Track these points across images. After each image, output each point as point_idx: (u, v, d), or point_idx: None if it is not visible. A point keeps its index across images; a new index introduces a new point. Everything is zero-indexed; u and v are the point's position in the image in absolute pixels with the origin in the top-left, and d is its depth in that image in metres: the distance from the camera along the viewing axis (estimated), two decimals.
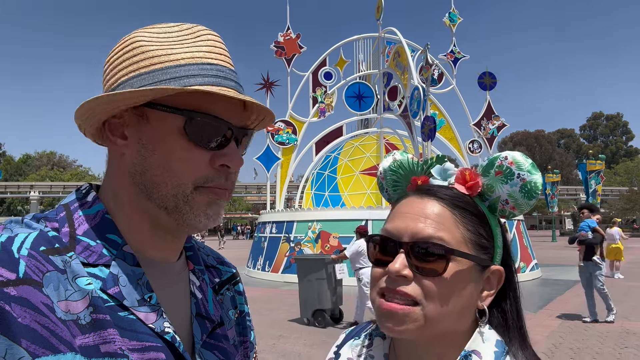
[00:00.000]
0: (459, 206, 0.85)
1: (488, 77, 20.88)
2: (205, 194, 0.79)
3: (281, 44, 20.15)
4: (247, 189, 63.75)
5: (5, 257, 0.63)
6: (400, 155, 1.00)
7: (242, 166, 0.86)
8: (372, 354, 0.96)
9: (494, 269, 0.87)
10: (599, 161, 31.20)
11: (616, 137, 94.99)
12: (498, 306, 0.91)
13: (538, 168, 0.89)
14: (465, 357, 0.83)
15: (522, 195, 0.87)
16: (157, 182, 0.77)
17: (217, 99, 0.78)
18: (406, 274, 0.80)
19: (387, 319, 0.81)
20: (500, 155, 0.89)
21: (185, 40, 0.80)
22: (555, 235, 42.56)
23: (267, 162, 19.47)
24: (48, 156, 77.03)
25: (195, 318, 0.86)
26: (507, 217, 0.92)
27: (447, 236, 0.82)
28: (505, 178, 0.87)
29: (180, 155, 0.77)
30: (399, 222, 0.86)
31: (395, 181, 0.99)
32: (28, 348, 0.59)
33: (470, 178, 0.89)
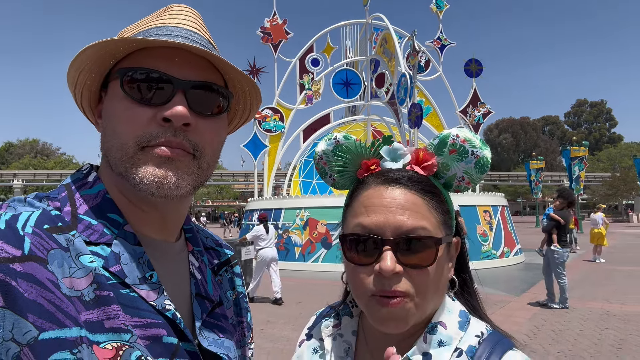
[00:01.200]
0: (427, 190, 0.86)
1: (474, 64, 20.94)
2: (149, 153, 0.75)
3: (268, 29, 19.94)
4: (234, 176, 63.39)
5: (11, 234, 0.64)
6: (344, 138, 0.96)
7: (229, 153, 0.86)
8: (340, 332, 0.98)
9: (454, 241, 0.92)
10: (583, 148, 31.59)
11: (600, 124, 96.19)
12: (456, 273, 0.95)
13: (522, 154, 0.91)
14: (431, 328, 0.86)
15: (476, 170, 0.89)
16: (109, 149, 0.78)
17: (159, 55, 0.78)
18: (399, 271, 0.80)
19: (388, 321, 0.81)
20: (450, 134, 0.89)
21: (156, 17, 0.85)
22: (539, 221, 43.21)
23: (255, 150, 19.38)
24: (31, 144, 75.63)
25: (195, 298, 0.87)
26: (461, 191, 0.94)
27: (427, 224, 0.83)
28: (460, 156, 0.88)
29: (121, 115, 0.77)
30: (376, 217, 0.83)
31: (341, 166, 0.96)
32: (35, 322, 0.60)
33: (425, 158, 0.89)
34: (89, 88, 0.85)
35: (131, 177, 0.76)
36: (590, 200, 49.58)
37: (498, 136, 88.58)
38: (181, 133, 0.77)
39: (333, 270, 13.82)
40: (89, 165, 0.86)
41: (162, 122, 0.76)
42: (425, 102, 19.75)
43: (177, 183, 0.77)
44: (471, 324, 0.88)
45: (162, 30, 0.80)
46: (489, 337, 0.86)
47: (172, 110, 0.75)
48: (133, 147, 0.75)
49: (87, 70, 0.80)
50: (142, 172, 0.75)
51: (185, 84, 0.78)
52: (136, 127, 0.75)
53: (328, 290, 10.62)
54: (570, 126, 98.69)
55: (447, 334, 0.85)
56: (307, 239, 14.81)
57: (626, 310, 8.34)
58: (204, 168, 0.81)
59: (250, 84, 0.88)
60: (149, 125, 0.76)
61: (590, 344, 6.43)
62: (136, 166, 0.75)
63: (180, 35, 0.80)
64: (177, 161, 0.77)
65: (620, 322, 7.52)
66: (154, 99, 0.76)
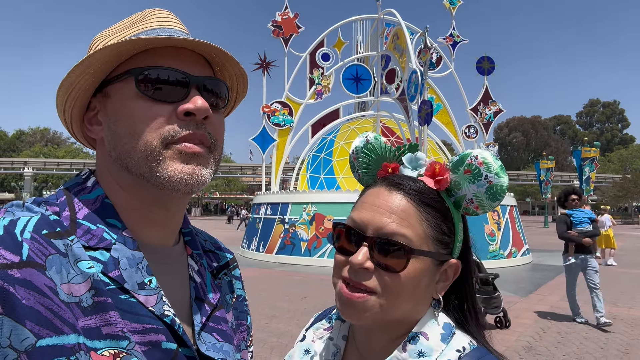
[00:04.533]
0: (425, 203, 0.87)
1: (486, 61, 20.78)
2: (175, 149, 0.77)
3: (279, 23, 19.89)
4: (242, 169, 63.62)
5: (9, 239, 0.64)
6: (374, 138, 0.99)
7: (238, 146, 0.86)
8: (331, 335, 1.01)
9: (452, 262, 0.90)
10: (594, 148, 31.28)
11: (612, 125, 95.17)
12: (455, 295, 0.95)
13: (533, 154, 0.88)
14: (412, 337, 0.86)
15: (487, 196, 0.87)
16: (128, 150, 0.78)
17: (164, 54, 0.80)
18: (368, 267, 0.83)
19: (347, 307, 0.85)
20: (471, 153, 0.88)
21: (136, 23, 0.85)
22: (548, 222, 42.92)
23: (263, 143, 19.40)
24: (42, 132, 76.38)
25: (195, 301, 0.87)
26: (470, 214, 0.92)
27: (410, 233, 0.84)
28: (473, 178, 0.87)
29: (141, 115, 0.77)
30: (365, 213, 0.87)
31: (366, 164, 0.99)
32: (32, 329, 0.60)
33: (439, 173, 0.89)
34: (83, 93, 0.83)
35: (157, 175, 0.76)
36: (600, 201, 49.12)
37: (508, 135, 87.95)
38: (202, 126, 0.79)
39: None
40: (88, 170, 0.86)
41: (183, 116, 0.77)
42: (436, 99, 19.62)
43: (204, 177, 0.80)
44: (455, 337, 0.87)
45: (159, 32, 0.82)
46: (471, 352, 0.85)
47: (195, 104, 0.77)
48: (158, 145, 0.76)
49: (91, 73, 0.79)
50: (171, 170, 0.76)
51: (199, 79, 0.81)
52: (158, 125, 0.77)
53: None
54: (582, 126, 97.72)
55: (428, 345, 0.85)
56: (313, 234, 14.82)
57: (633, 315, 8.27)
58: (216, 160, 0.84)
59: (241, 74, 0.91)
60: (170, 121, 0.77)
61: (596, 347, 6.38)
62: (162, 164, 0.76)
63: (178, 36, 0.81)
64: (201, 157, 0.80)
65: (627, 326, 7.45)
66: (171, 95, 0.78)
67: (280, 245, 15.46)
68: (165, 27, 0.83)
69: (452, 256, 0.90)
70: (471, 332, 0.92)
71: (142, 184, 0.78)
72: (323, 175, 19.63)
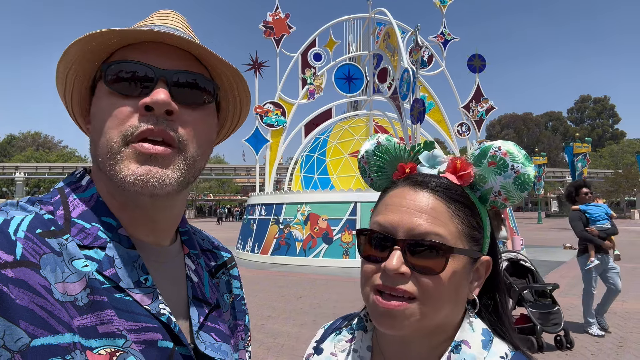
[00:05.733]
0: (454, 199, 0.83)
1: (477, 59, 20.86)
2: (132, 149, 0.73)
3: (270, 23, 19.85)
4: (236, 171, 63.46)
5: (2, 239, 0.63)
6: (386, 140, 0.96)
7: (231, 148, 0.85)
8: (355, 347, 0.95)
9: (484, 259, 0.87)
10: (585, 144, 31.47)
11: (603, 120, 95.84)
12: (486, 294, 0.92)
13: (525, 150, 0.88)
14: (455, 347, 0.83)
15: (515, 187, 0.85)
16: (97, 147, 0.77)
17: (142, 49, 0.78)
18: (403, 272, 0.78)
19: (385, 318, 0.80)
20: (493, 145, 0.86)
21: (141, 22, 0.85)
22: (541, 217, 43.20)
23: (256, 144, 19.36)
24: (33, 137, 75.77)
25: (192, 301, 0.86)
26: (498, 207, 0.90)
27: (443, 231, 0.80)
28: (499, 169, 0.85)
29: (106, 111, 0.75)
30: (393, 216, 0.82)
31: (379, 167, 0.96)
32: (26, 329, 0.59)
33: (462, 168, 0.86)
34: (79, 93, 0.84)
35: (115, 175, 0.73)
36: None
37: (500, 132, 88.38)
38: (164, 121, 0.74)
39: (334, 265, 13.85)
40: (82, 169, 0.85)
41: (144, 111, 0.74)
42: (428, 98, 19.69)
43: (162, 180, 0.74)
44: (494, 343, 0.86)
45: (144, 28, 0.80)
46: (513, 358, 0.84)
47: (152, 96, 0.73)
48: (118, 143, 0.73)
49: (73, 72, 0.79)
50: (125, 170, 0.73)
51: (166, 72, 0.76)
52: (119, 120, 0.74)
53: (329, 285, 10.67)
54: (573, 122, 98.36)
55: (471, 353, 0.82)
56: (308, 234, 14.82)
57: (627, 308, 8.34)
58: (189, 163, 0.78)
59: (235, 75, 0.86)
60: (132, 116, 0.74)
61: (591, 341, 6.43)
62: (119, 163, 0.73)
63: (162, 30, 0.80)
64: (161, 157, 0.74)
65: (621, 320, 7.52)
66: (136, 90, 0.75)
67: (275, 246, 15.44)
68: (156, 24, 0.82)
69: (482, 253, 0.87)
70: (506, 336, 0.89)
71: (112, 184, 0.76)
72: (317, 175, 19.63)
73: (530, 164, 0.85)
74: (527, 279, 6.63)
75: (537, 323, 5.95)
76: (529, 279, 6.60)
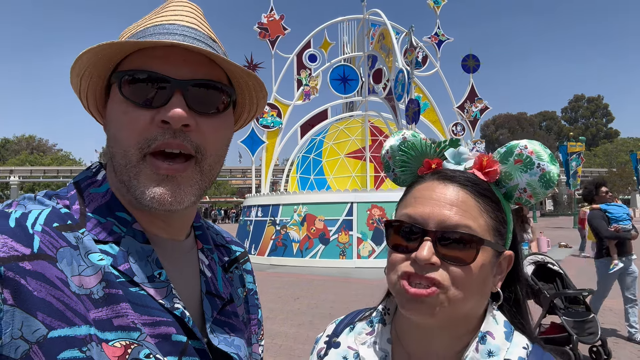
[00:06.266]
0: (482, 194, 0.86)
1: (472, 59, 20.97)
2: (150, 166, 0.74)
3: (265, 25, 19.86)
4: (231, 172, 63.31)
5: (20, 232, 0.64)
6: (412, 136, 0.98)
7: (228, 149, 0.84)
8: (375, 340, 0.96)
9: (507, 254, 0.90)
10: (580, 143, 31.63)
11: (596, 119, 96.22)
12: (507, 288, 0.94)
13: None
14: (481, 337, 0.86)
15: (540, 184, 0.88)
16: (114, 155, 0.77)
17: (155, 55, 0.76)
18: (434, 262, 0.80)
19: (415, 304, 0.81)
20: (519, 144, 0.89)
21: (155, 15, 0.84)
22: (536, 216, 43.33)
23: (252, 146, 19.34)
24: (27, 140, 75.30)
25: (206, 295, 0.86)
26: (523, 204, 0.93)
27: (473, 224, 0.82)
28: (525, 167, 0.87)
29: (121, 120, 0.75)
30: (423, 208, 0.84)
31: (404, 162, 0.98)
32: (44, 320, 0.60)
33: (488, 165, 0.89)
34: (93, 93, 0.85)
35: (132, 189, 0.75)
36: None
37: (495, 132, 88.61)
38: (181, 134, 0.75)
39: (331, 266, 13.86)
40: (98, 164, 0.86)
41: (161, 124, 0.74)
42: (423, 98, 19.77)
43: (179, 199, 0.76)
44: (515, 335, 0.89)
45: (158, 29, 0.79)
46: (534, 349, 0.87)
47: (169, 111, 0.73)
48: (136, 155, 0.74)
49: (87, 75, 0.80)
50: (143, 187, 0.74)
51: (182, 83, 0.76)
52: (136, 132, 0.74)
53: (326, 285, 10.68)
54: (567, 122, 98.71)
55: (496, 344, 0.85)
56: (304, 235, 14.83)
57: (622, 306, 8.39)
58: (206, 172, 0.80)
59: (252, 78, 0.86)
60: (148, 128, 0.74)
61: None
62: (137, 178, 0.75)
63: (176, 32, 0.78)
64: (178, 177, 0.76)
65: (616, 317, 7.56)
66: (152, 100, 0.75)
67: (271, 247, 15.43)
68: (168, 23, 0.80)
69: (505, 247, 0.90)
70: (525, 329, 0.92)
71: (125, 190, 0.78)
72: (313, 176, 19.65)
73: (555, 163, 0.88)
74: (555, 283, 5.97)
75: (573, 333, 5.28)
76: (557, 284, 5.95)
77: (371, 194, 14.86)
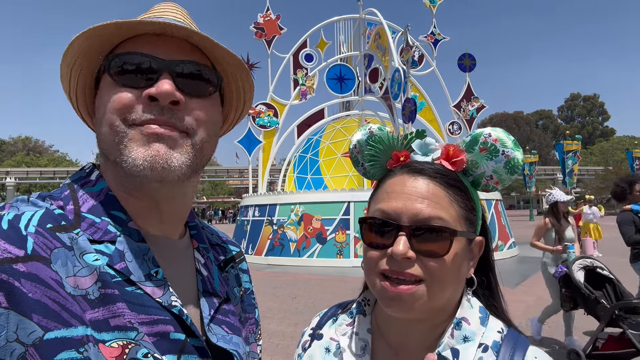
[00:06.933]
0: (451, 184, 0.88)
1: (468, 58, 20.98)
2: (138, 130, 0.74)
3: (261, 25, 19.84)
4: (229, 172, 63.24)
5: (13, 234, 0.64)
6: (379, 129, 0.99)
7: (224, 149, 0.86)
8: (356, 330, 0.98)
9: (478, 240, 0.92)
10: (576, 141, 31.69)
11: (593, 118, 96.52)
12: (479, 272, 0.97)
13: None
14: (457, 324, 0.88)
15: (506, 171, 0.90)
16: (103, 137, 0.77)
17: (145, 41, 0.78)
18: (410, 256, 0.82)
19: (395, 301, 0.83)
20: (483, 132, 0.90)
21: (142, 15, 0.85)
22: (533, 215, 43.43)
23: (249, 146, 19.33)
24: (23, 141, 75.00)
25: (203, 294, 0.86)
26: (489, 190, 0.94)
27: (445, 215, 0.84)
28: (490, 155, 0.89)
29: (110, 100, 0.76)
30: (395, 203, 0.85)
31: (372, 156, 0.98)
32: (39, 322, 0.59)
33: (455, 154, 0.90)
34: (83, 90, 0.84)
35: (124, 159, 0.74)
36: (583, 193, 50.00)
37: None
38: (169, 111, 0.75)
39: (328, 265, 13.85)
40: (91, 164, 0.85)
41: (149, 101, 0.74)
42: (419, 97, 19.77)
43: (170, 161, 0.74)
44: (490, 320, 0.91)
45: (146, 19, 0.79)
46: (508, 333, 0.89)
47: (157, 87, 0.74)
48: (121, 125, 0.74)
49: (78, 66, 0.80)
50: (134, 152, 0.73)
51: (171, 63, 0.77)
52: (123, 108, 0.75)
53: (323, 285, 10.68)
54: (563, 120, 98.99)
55: (471, 330, 0.87)
56: (302, 234, 14.82)
57: None
58: (198, 147, 0.79)
59: (238, 64, 0.86)
60: (136, 105, 0.75)
61: (584, 336, 6.49)
62: (127, 146, 0.74)
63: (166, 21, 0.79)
64: (168, 138, 0.75)
65: None
66: (141, 81, 0.75)
67: (269, 247, 15.43)
68: (156, 17, 0.81)
69: (476, 234, 0.92)
70: (500, 313, 0.94)
71: (119, 170, 0.76)
72: (310, 176, 19.64)
73: (518, 148, 0.89)
74: (605, 290, 5.24)
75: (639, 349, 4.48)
76: (607, 290, 5.23)
77: (368, 193, 14.49)
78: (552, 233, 6.38)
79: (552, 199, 6.49)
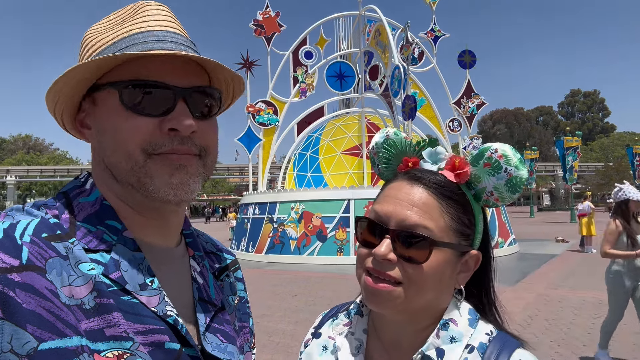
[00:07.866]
0: (446, 196, 0.89)
1: (468, 55, 20.92)
2: (160, 161, 0.76)
3: (260, 22, 19.79)
4: (229, 170, 63.27)
5: (8, 243, 0.63)
6: (394, 134, 1.02)
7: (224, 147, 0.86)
8: (352, 330, 1.02)
9: (473, 253, 0.93)
10: (576, 138, 31.70)
11: (593, 114, 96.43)
12: (475, 284, 0.98)
13: (517, 145, 0.91)
14: (443, 325, 0.90)
15: (507, 189, 0.89)
16: (114, 163, 0.78)
17: (152, 63, 0.77)
18: (390, 258, 0.85)
19: (372, 296, 0.87)
20: (490, 147, 0.90)
21: (125, 19, 0.83)
22: (533, 211, 43.47)
23: (249, 143, 19.33)
24: (23, 140, 75.06)
25: (198, 302, 0.86)
26: (490, 206, 0.95)
27: (431, 225, 0.86)
28: (493, 171, 0.89)
29: (122, 127, 0.76)
30: (387, 207, 0.89)
31: (386, 159, 1.02)
32: (34, 333, 0.59)
33: (459, 166, 0.91)
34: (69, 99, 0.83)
35: (145, 186, 0.76)
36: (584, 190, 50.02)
37: (492, 127, 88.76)
38: (188, 140, 0.79)
39: (328, 263, 13.88)
40: (86, 173, 0.85)
41: (169, 131, 0.77)
42: (419, 94, 19.72)
43: (192, 187, 0.79)
44: (480, 322, 0.92)
45: (147, 36, 0.79)
46: (497, 335, 0.90)
47: (179, 121, 0.77)
48: (142, 156, 0.76)
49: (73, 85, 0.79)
50: (157, 182, 0.76)
51: (185, 91, 0.79)
52: (139, 137, 0.76)
53: (323, 282, 10.70)
54: (563, 116, 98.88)
55: (459, 331, 0.89)
56: (302, 232, 14.84)
57: None
58: (208, 166, 0.84)
59: (235, 78, 0.89)
60: (154, 134, 0.76)
61: (583, 332, 6.51)
62: (150, 175, 0.76)
63: (168, 39, 0.79)
64: (188, 166, 0.79)
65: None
66: (156, 109, 0.77)
67: (269, 245, 15.45)
68: (155, 30, 0.80)
69: (472, 247, 0.93)
70: (491, 320, 0.95)
71: (133, 192, 0.78)
72: (310, 173, 19.63)
73: (523, 167, 0.89)
74: None
75: None
76: None
77: (368, 190, 14.84)
78: (624, 237, 5.28)
79: (622, 196, 5.45)
